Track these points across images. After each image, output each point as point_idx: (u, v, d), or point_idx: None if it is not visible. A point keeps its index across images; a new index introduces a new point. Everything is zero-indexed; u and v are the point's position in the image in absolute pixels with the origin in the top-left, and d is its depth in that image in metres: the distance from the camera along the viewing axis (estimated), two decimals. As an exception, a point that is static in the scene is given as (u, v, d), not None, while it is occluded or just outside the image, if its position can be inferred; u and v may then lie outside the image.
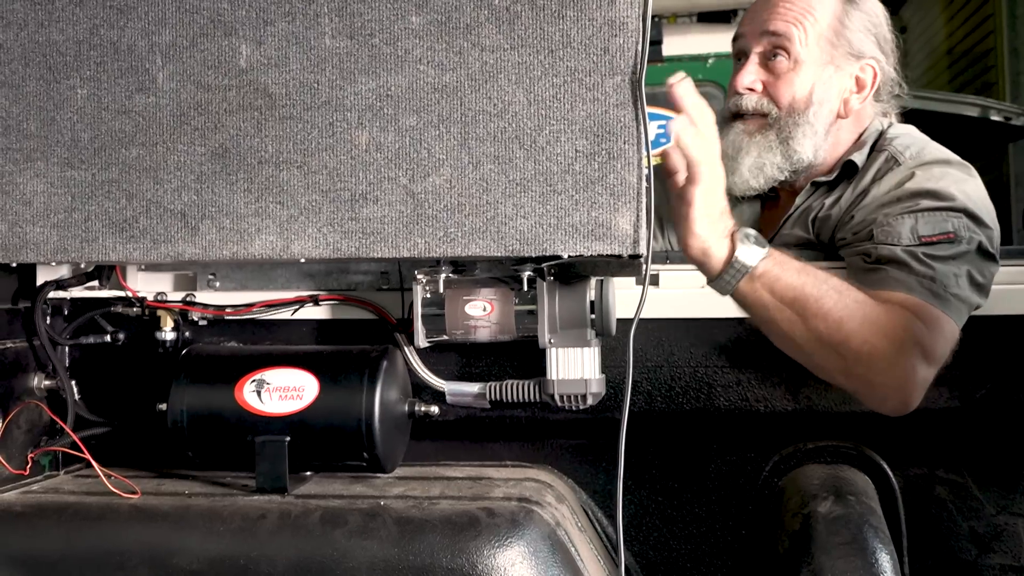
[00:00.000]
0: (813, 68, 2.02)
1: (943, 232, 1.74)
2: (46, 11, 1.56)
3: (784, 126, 2.02)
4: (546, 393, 1.74)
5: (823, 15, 2.03)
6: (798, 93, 2.02)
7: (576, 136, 1.43)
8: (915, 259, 1.71)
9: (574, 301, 1.70)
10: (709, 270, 1.66)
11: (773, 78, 2.04)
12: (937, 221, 1.76)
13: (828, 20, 2.03)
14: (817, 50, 2.02)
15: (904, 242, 1.74)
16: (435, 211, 1.46)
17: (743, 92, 2.05)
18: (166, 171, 1.53)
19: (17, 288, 1.87)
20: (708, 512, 1.88)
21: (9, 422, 1.79)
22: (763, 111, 2.04)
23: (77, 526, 1.59)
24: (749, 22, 2.08)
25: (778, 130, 2.02)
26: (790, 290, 1.64)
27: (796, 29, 2.01)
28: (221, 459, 1.73)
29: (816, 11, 2.03)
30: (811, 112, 2.02)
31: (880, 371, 1.65)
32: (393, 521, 1.51)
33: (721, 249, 1.64)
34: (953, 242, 1.73)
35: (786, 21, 2.02)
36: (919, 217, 1.77)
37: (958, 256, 1.73)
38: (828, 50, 2.03)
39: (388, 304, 1.86)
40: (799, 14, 2.02)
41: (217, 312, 1.88)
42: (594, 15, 1.42)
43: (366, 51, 1.48)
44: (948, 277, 1.70)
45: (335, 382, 1.66)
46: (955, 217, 1.76)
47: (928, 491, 1.84)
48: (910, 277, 1.69)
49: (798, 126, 2.01)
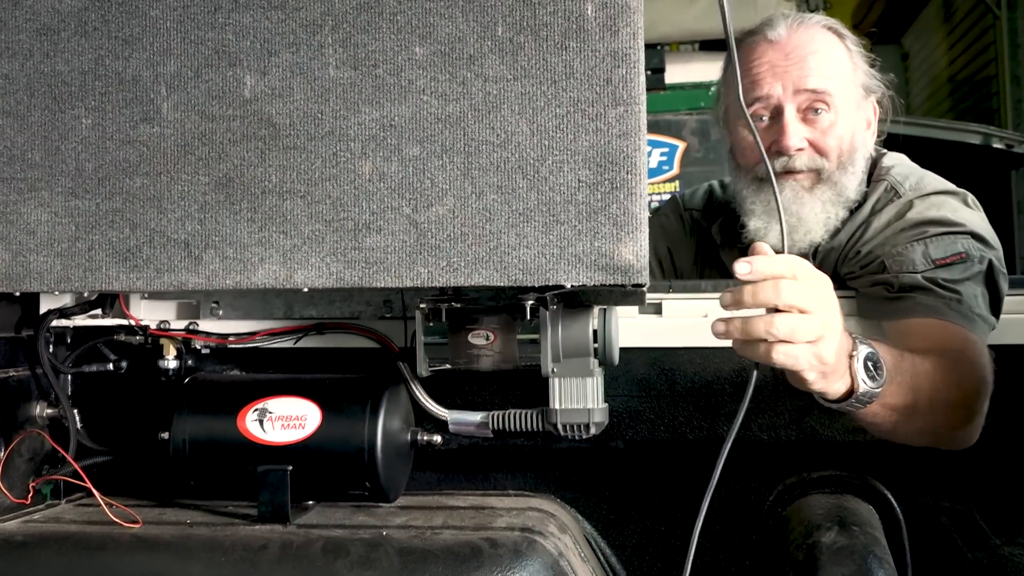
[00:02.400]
0: (849, 116, 2.01)
1: (955, 253, 1.76)
2: (51, 42, 1.57)
3: (837, 178, 2.00)
4: (549, 422, 1.74)
5: (842, 62, 2.03)
6: (844, 144, 2.00)
7: (579, 166, 1.43)
8: (936, 284, 1.73)
9: (577, 330, 1.70)
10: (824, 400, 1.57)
11: (819, 133, 1.99)
12: (947, 244, 1.78)
13: (847, 65, 2.03)
14: (847, 95, 2.02)
15: (919, 268, 1.75)
16: (438, 241, 1.46)
17: (793, 153, 1.99)
18: (170, 200, 1.53)
19: (20, 316, 1.87)
20: (711, 542, 1.87)
21: (11, 451, 1.79)
22: (816, 167, 2.00)
23: (78, 556, 1.58)
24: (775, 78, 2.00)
25: (832, 183, 2.00)
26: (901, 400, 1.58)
27: (832, 83, 1.99)
28: (223, 488, 1.73)
29: (836, 58, 2.02)
30: (855, 157, 2.01)
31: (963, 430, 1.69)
32: (395, 552, 1.50)
33: (840, 388, 1.52)
34: (966, 262, 1.75)
35: (823, 76, 1.99)
36: (929, 243, 1.79)
37: (973, 276, 1.75)
38: (853, 91, 2.03)
39: (391, 333, 1.86)
40: (830, 66, 2.00)
41: (220, 340, 1.88)
42: (597, 46, 1.43)
43: (370, 81, 1.49)
44: (972, 298, 1.72)
45: (338, 411, 1.66)
46: (963, 239, 1.78)
47: (933, 521, 1.83)
48: (938, 301, 1.71)
49: (847, 174, 2.00)
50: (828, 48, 2.02)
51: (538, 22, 1.45)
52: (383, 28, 1.49)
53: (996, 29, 6.92)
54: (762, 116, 2.02)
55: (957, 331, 1.69)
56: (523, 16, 1.45)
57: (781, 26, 2.03)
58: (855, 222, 1.95)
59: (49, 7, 1.57)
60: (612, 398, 1.79)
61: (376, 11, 1.49)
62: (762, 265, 1.36)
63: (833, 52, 2.02)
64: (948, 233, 1.79)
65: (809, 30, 2.03)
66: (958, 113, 7.66)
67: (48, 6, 1.57)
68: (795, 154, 1.99)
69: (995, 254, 1.80)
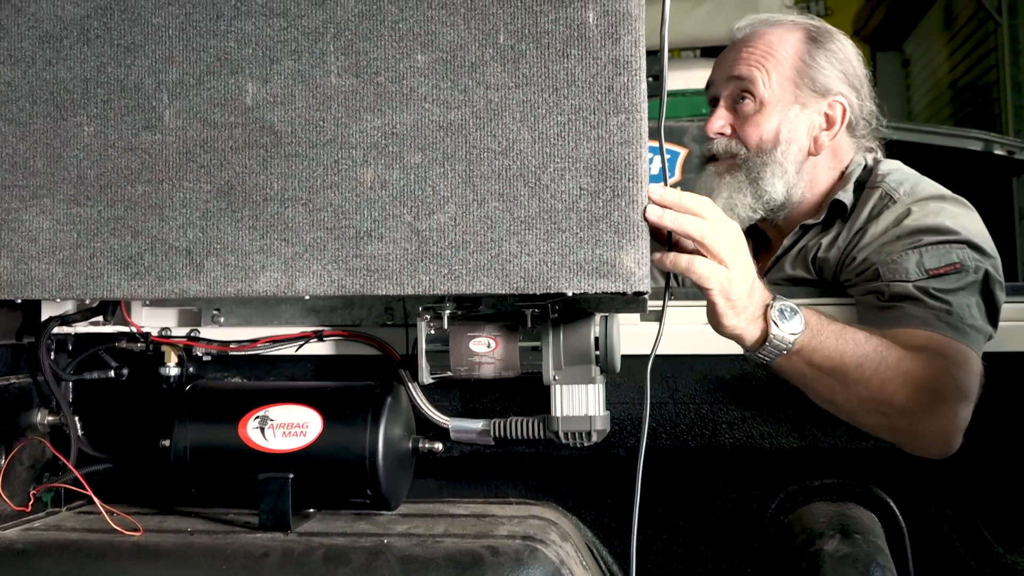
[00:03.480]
0: (778, 108, 2.06)
1: (949, 263, 1.75)
2: (54, 49, 1.57)
3: (753, 166, 2.05)
4: (550, 430, 1.74)
5: (785, 56, 2.07)
6: (764, 134, 2.05)
7: (580, 174, 1.43)
8: (927, 294, 1.72)
9: (578, 338, 1.70)
10: (744, 347, 1.65)
11: (740, 121, 2.07)
12: (942, 254, 1.77)
13: (791, 60, 2.06)
14: (780, 90, 2.06)
15: (913, 277, 1.75)
16: (440, 248, 1.46)
17: (714, 137, 2.10)
18: (171, 208, 1.53)
19: (22, 323, 1.87)
20: (714, 550, 1.87)
21: (12, 458, 1.79)
22: (732, 152, 2.07)
23: (79, 564, 1.57)
24: (717, 69, 2.14)
25: (747, 170, 2.05)
26: (828, 360, 1.63)
27: (759, 72, 2.05)
28: (224, 496, 1.73)
29: (778, 52, 2.07)
30: (779, 151, 2.05)
31: (923, 421, 1.67)
32: (396, 560, 1.50)
33: (754, 331, 1.61)
34: (960, 272, 1.75)
35: (749, 65, 2.06)
36: (923, 252, 1.78)
37: (967, 286, 1.74)
38: (792, 89, 2.06)
39: (392, 340, 1.86)
40: (761, 57, 2.06)
41: (221, 348, 1.88)
42: (598, 54, 1.43)
43: (372, 89, 1.49)
44: (963, 308, 1.71)
45: (339, 419, 1.66)
46: (959, 248, 1.77)
47: (936, 529, 1.82)
48: (927, 312, 1.70)
49: (767, 165, 2.04)
50: (776, 44, 2.08)
51: (540, 30, 1.45)
52: (385, 36, 1.49)
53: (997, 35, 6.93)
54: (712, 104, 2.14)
55: (944, 341, 1.69)
56: (525, 24, 1.45)
57: (748, 24, 2.14)
58: (852, 229, 1.95)
59: (51, 14, 1.57)
60: (613, 406, 1.79)
61: (378, 19, 1.49)
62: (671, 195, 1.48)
63: (779, 45, 2.08)
64: (943, 242, 1.78)
65: (773, 28, 2.11)
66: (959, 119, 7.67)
67: (50, 13, 1.57)
68: (715, 138, 2.09)
69: (992, 263, 1.79)
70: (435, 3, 1.48)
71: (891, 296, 1.75)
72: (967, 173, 4.37)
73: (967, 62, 7.58)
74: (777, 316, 1.60)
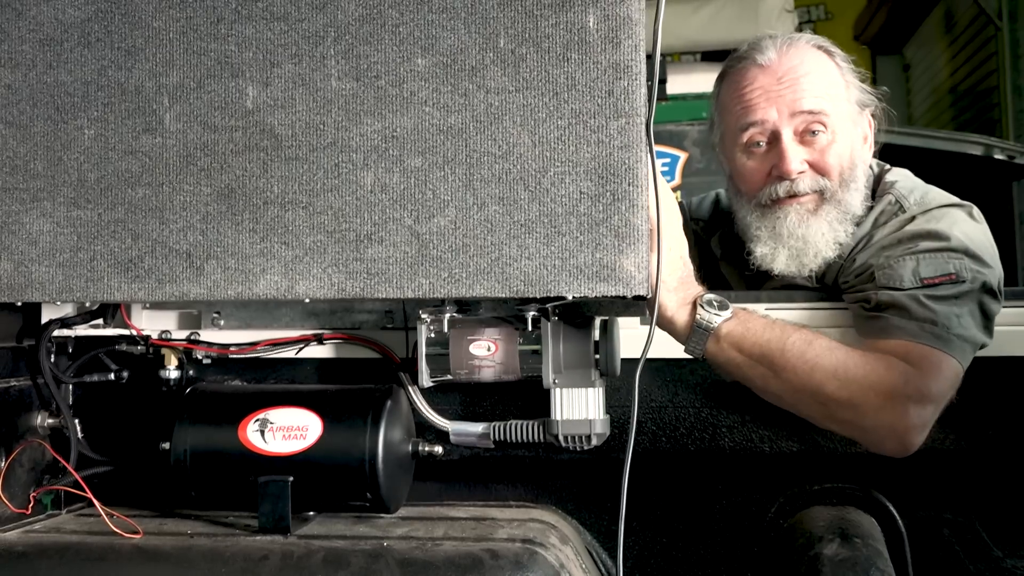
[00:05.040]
0: (846, 133, 2.00)
1: (945, 274, 1.75)
2: (54, 52, 1.57)
3: (841, 196, 1.98)
4: (550, 433, 1.74)
5: (835, 80, 2.01)
6: (844, 161, 1.98)
7: (581, 178, 1.44)
8: (916, 303, 1.71)
9: (578, 341, 1.70)
10: (677, 336, 1.72)
11: (818, 154, 1.98)
12: (938, 263, 1.76)
13: (840, 83, 2.02)
14: (843, 112, 2.00)
15: (906, 285, 1.74)
16: (440, 252, 1.47)
17: (795, 177, 1.97)
18: (172, 211, 1.53)
19: (22, 326, 1.88)
20: (713, 554, 1.87)
21: (12, 460, 1.79)
22: (819, 188, 1.98)
23: (79, 566, 1.58)
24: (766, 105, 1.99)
25: (836, 201, 1.97)
26: (756, 347, 1.69)
27: (827, 102, 1.98)
28: (224, 499, 1.73)
29: (830, 77, 2.01)
30: (856, 173, 1.99)
31: (866, 415, 1.67)
32: (396, 563, 1.50)
33: (683, 315, 1.70)
34: (955, 283, 1.74)
35: (817, 96, 1.97)
36: (920, 259, 1.77)
37: (961, 296, 1.73)
38: (847, 108, 2.01)
39: (392, 343, 1.86)
40: (823, 86, 1.99)
41: (221, 351, 1.88)
42: (599, 58, 1.43)
43: (372, 93, 1.49)
44: (950, 318, 1.70)
45: (339, 422, 1.66)
46: (956, 258, 1.76)
47: (935, 533, 1.82)
48: (911, 323, 1.70)
49: (849, 191, 1.98)
50: (819, 68, 2.01)
51: (540, 34, 1.45)
52: (385, 39, 1.49)
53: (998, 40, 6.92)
54: (759, 142, 2.01)
55: (922, 350, 1.68)
56: (525, 28, 1.45)
57: (771, 50, 2.01)
58: (857, 236, 1.95)
59: (52, 18, 1.57)
60: (613, 409, 1.79)
61: (378, 23, 1.49)
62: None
63: (825, 71, 2.01)
64: (941, 250, 1.78)
65: (799, 51, 2.02)
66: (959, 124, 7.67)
67: (51, 17, 1.57)
68: (797, 177, 1.97)
69: (991, 273, 1.78)
70: (435, 7, 1.48)
71: (877, 304, 1.75)
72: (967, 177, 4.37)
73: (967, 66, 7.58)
74: (705, 303, 1.70)
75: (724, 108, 2.08)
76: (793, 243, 1.95)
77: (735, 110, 2.03)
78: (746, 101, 2.00)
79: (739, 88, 2.02)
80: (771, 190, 1.98)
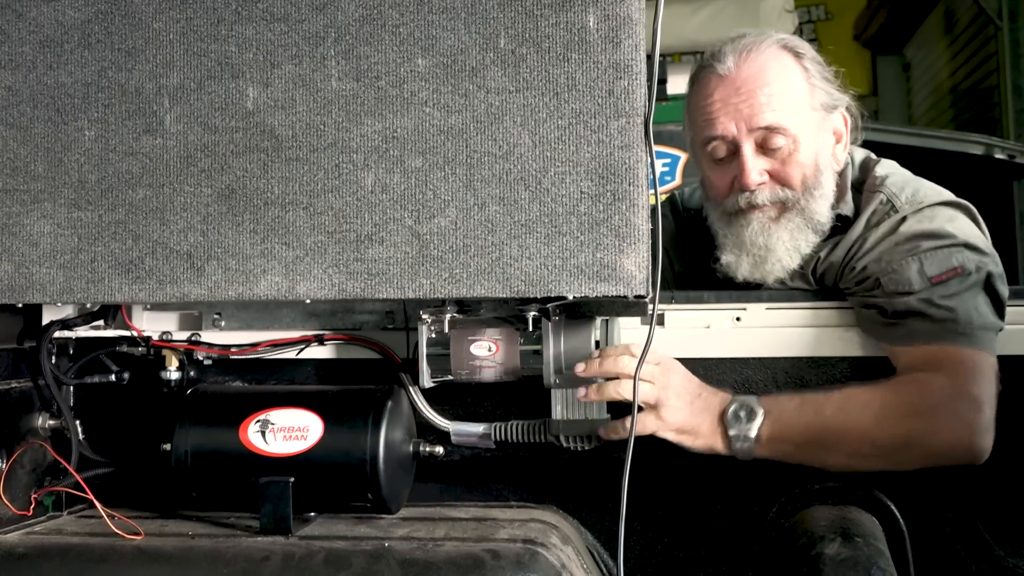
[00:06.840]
0: (810, 140, 1.95)
1: (951, 268, 1.75)
2: (55, 54, 1.57)
3: (804, 204, 1.95)
4: (551, 434, 1.74)
5: (795, 84, 1.96)
6: (807, 170, 1.95)
7: (581, 178, 1.44)
8: (932, 305, 1.72)
9: (579, 341, 1.70)
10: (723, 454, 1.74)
11: (779, 164, 1.95)
12: (942, 259, 1.76)
13: (801, 86, 1.96)
14: (806, 120, 1.95)
15: (916, 288, 1.74)
16: (440, 252, 1.47)
17: (755, 188, 1.95)
18: (172, 212, 1.53)
19: (23, 328, 1.88)
20: (714, 553, 1.87)
21: (13, 462, 1.79)
22: (780, 199, 1.96)
23: (80, 568, 1.58)
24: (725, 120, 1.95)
25: (799, 210, 1.95)
26: (800, 435, 1.71)
27: (786, 115, 1.93)
28: (225, 500, 1.73)
29: (792, 85, 1.96)
30: (822, 179, 1.96)
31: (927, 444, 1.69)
32: (397, 563, 1.50)
33: (717, 442, 1.72)
34: (962, 275, 1.74)
35: (775, 110, 1.92)
36: (923, 258, 1.77)
37: (971, 287, 1.75)
38: (811, 115, 1.96)
39: (393, 344, 1.86)
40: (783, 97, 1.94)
41: (222, 352, 1.88)
42: (599, 58, 1.43)
43: (372, 93, 1.49)
44: (969, 313, 1.71)
45: (340, 423, 1.66)
46: (958, 252, 1.77)
47: (937, 533, 1.82)
48: (933, 326, 1.71)
49: (814, 198, 1.95)
50: (780, 75, 1.95)
51: (540, 34, 1.45)
52: (385, 40, 1.49)
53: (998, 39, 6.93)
54: (720, 155, 1.98)
55: (953, 352, 1.69)
56: (525, 28, 1.46)
57: (729, 59, 1.95)
58: (851, 237, 1.93)
59: (52, 19, 1.57)
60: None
61: (378, 23, 1.49)
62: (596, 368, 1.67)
63: (786, 78, 1.96)
64: (942, 247, 1.78)
65: (760, 57, 1.96)
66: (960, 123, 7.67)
67: (51, 18, 1.57)
68: (756, 189, 1.95)
69: (992, 260, 1.80)
70: (436, 7, 1.48)
71: (895, 313, 1.75)
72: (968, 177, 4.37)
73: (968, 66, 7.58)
74: (732, 419, 1.71)
75: (691, 117, 2.05)
76: (756, 251, 1.94)
77: (699, 121, 2.00)
78: (707, 113, 1.97)
79: (701, 99, 1.99)
80: (734, 200, 1.97)
